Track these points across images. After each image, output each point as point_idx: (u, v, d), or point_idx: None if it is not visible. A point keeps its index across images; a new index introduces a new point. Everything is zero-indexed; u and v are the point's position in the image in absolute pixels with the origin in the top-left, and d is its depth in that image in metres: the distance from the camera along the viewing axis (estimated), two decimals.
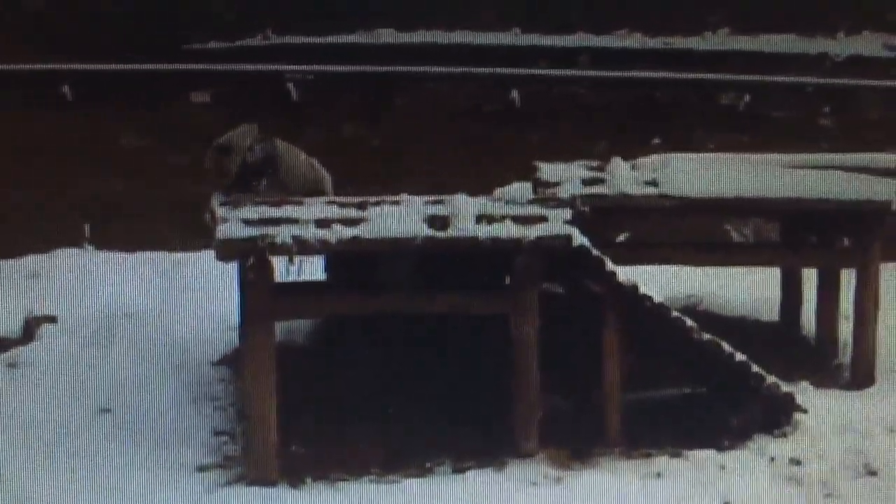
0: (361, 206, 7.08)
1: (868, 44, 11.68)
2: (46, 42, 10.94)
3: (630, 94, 11.45)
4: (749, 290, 9.07)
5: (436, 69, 11.28)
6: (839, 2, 11.70)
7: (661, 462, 7.05)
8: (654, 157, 8.16)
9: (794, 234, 8.71)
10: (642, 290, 7.16)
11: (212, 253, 6.95)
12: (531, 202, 7.32)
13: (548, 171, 7.83)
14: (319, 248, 6.95)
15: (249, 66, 11.26)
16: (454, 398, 7.50)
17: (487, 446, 7.16)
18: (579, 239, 7.07)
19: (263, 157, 7.36)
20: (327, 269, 7.79)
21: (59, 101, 10.93)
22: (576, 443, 7.18)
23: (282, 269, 7.19)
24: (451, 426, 7.31)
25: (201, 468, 7.06)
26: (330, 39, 11.41)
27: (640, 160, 8.02)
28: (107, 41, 11.02)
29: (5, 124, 10.72)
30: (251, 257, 6.85)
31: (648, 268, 7.74)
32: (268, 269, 6.91)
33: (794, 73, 11.43)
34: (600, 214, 7.58)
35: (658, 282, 7.66)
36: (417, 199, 7.20)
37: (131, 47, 11.01)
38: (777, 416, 7.32)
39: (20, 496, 6.70)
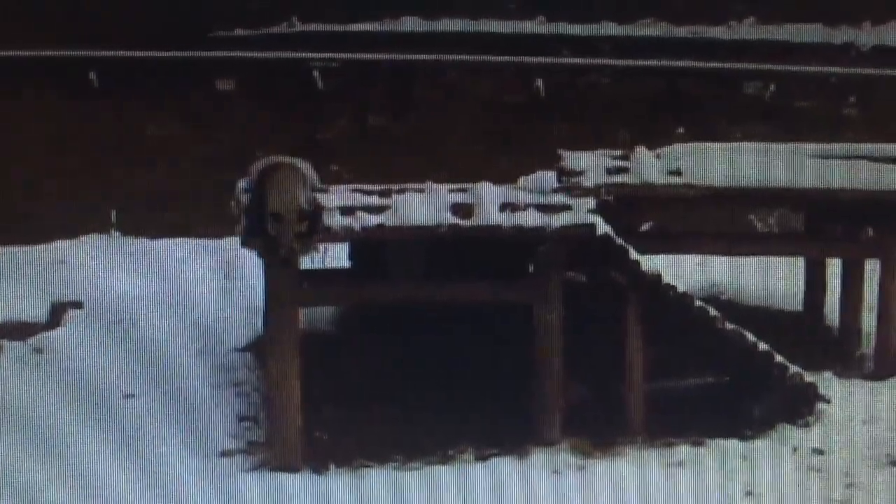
0: (385, 194, 7.09)
1: (894, 33, 11.61)
2: (72, 30, 10.95)
3: (654, 83, 11.41)
4: (773, 279, 9.04)
5: (460, 58, 11.26)
6: None
7: (684, 451, 7.05)
8: (679, 146, 8.15)
9: (818, 224, 8.68)
10: (665, 279, 7.16)
11: (237, 240, 6.98)
12: (555, 191, 7.32)
13: (572, 159, 7.81)
14: (344, 235, 6.97)
15: (275, 54, 11.25)
16: (477, 386, 7.50)
17: (510, 434, 7.17)
18: (603, 228, 7.07)
19: (313, 210, 6.86)
20: (352, 256, 7.80)
21: (85, 89, 10.94)
22: (598, 431, 7.18)
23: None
24: (473, 414, 7.33)
25: (225, 453, 7.09)
26: (355, 28, 11.40)
27: (665, 149, 8.00)
28: (133, 29, 11.03)
29: (33, 112, 10.75)
30: None
31: (672, 257, 7.74)
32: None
33: (819, 63, 11.37)
34: (624, 203, 7.57)
35: (681, 271, 7.65)
36: (441, 188, 7.20)
37: (157, 35, 11.02)
38: (800, 405, 7.31)
39: (46, 479, 6.73)
